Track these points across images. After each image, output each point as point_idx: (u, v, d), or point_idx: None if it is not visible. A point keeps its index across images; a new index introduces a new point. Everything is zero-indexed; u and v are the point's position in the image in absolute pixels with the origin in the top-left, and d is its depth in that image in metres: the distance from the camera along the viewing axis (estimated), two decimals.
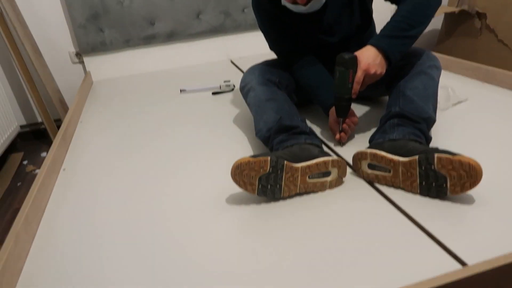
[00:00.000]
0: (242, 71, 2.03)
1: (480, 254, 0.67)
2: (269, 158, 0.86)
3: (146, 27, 2.05)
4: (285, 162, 0.87)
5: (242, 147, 1.18)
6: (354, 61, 1.00)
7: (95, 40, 2.01)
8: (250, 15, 2.18)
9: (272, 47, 1.30)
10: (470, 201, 0.83)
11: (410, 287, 0.61)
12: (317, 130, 1.23)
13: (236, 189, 0.90)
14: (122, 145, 1.28)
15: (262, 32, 1.29)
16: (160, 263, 0.75)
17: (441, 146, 0.88)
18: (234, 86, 1.74)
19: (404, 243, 0.74)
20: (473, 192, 0.83)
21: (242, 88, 1.23)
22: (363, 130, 1.19)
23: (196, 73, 2.07)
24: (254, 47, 2.27)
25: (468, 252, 0.68)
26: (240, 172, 0.86)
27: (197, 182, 1.02)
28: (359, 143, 1.11)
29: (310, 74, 1.23)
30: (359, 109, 1.34)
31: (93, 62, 2.10)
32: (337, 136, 1.11)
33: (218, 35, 2.21)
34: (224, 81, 1.74)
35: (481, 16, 2.16)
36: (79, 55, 2.08)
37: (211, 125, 1.37)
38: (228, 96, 1.67)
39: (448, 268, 0.66)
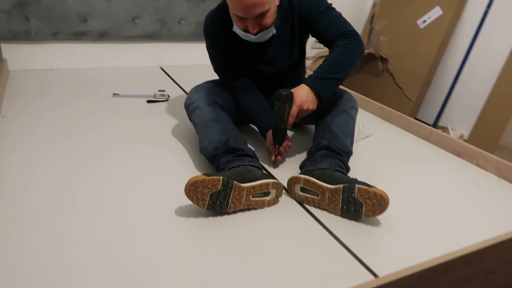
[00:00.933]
0: (173, 79, 2.09)
1: (389, 267, 0.87)
2: (221, 177, 0.97)
3: (78, 23, 1.99)
4: (235, 182, 0.99)
5: (184, 161, 1.27)
6: (291, 97, 1.17)
7: (19, 28, 1.89)
8: (186, 27, 2.25)
9: (216, 70, 1.41)
10: (378, 223, 1.04)
11: None
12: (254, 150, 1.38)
13: (183, 202, 0.99)
14: (53, 149, 1.26)
15: (209, 54, 1.39)
16: (102, 273, 0.81)
17: (355, 175, 1.09)
18: (168, 96, 1.79)
19: (326, 255, 0.91)
20: (381, 216, 1.04)
21: (187, 106, 1.32)
22: (293, 155, 1.37)
23: (126, 76, 2.07)
24: (186, 57, 2.35)
25: (379, 265, 0.88)
26: (194, 189, 0.95)
27: (141, 193, 1.08)
28: (290, 167, 1.28)
29: (250, 99, 1.37)
30: (291, 137, 1.52)
31: (12, 50, 1.96)
32: (273, 158, 1.26)
33: (152, 41, 2.23)
34: (159, 90, 1.79)
35: (383, 60, 2.54)
36: None
37: (150, 135, 1.42)
38: (163, 105, 1.72)
39: (363, 278, 0.84)
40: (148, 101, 1.74)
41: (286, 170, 1.24)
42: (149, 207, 1.02)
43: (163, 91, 1.79)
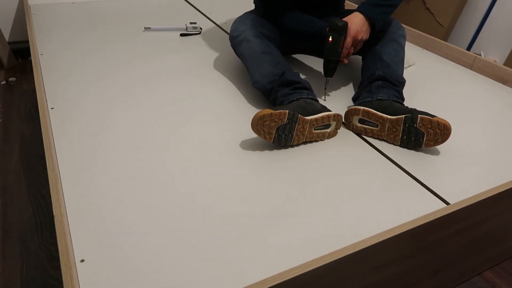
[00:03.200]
0: (199, 10, 2.01)
1: (457, 193, 0.90)
2: (287, 111, 0.97)
3: None
4: (299, 115, 0.99)
5: (234, 96, 1.26)
6: (346, 28, 1.13)
7: None
8: None
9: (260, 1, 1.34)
10: (437, 152, 1.06)
11: (406, 224, 0.80)
12: None
13: (244, 136, 1.01)
14: (102, 88, 1.26)
15: None
16: (171, 202, 0.84)
17: (407, 105, 1.09)
18: (201, 29, 1.74)
19: (392, 184, 0.94)
20: (439, 146, 1.06)
21: (233, 38, 1.28)
22: (340, 87, 1.36)
23: (151, 8, 1.98)
24: None
25: (448, 192, 0.92)
26: (262, 123, 0.96)
27: (199, 129, 1.09)
28: (340, 99, 1.27)
29: (303, 19, 1.30)
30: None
31: None
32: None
33: None
34: (190, 23, 1.73)
35: None
36: None
37: (194, 70, 1.40)
38: (196, 39, 1.67)
39: (435, 206, 0.88)
40: (182, 35, 1.69)
41: (337, 103, 1.24)
42: (211, 142, 1.03)
43: (195, 23, 1.73)
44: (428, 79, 1.48)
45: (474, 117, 1.25)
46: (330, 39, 1.13)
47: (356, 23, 1.14)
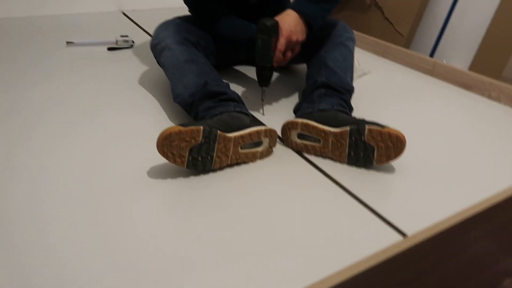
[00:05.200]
0: (138, 25, 1.82)
1: (415, 222, 0.71)
2: (201, 127, 0.77)
3: None
4: (218, 132, 0.80)
5: (155, 113, 1.06)
6: (277, 28, 0.96)
7: None
8: None
9: (188, 2, 1.17)
10: (391, 169, 0.88)
11: (355, 265, 0.61)
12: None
13: (159, 161, 0.80)
14: (10, 106, 1.04)
15: None
16: (77, 250, 0.63)
17: (356, 115, 0.92)
18: (133, 42, 1.54)
19: (340, 213, 0.75)
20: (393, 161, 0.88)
21: (154, 46, 1.09)
22: (283, 98, 1.18)
23: (82, 23, 1.78)
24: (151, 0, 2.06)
25: (403, 221, 0.72)
26: (168, 143, 0.76)
27: (108, 154, 0.88)
28: (282, 112, 1.08)
29: (237, 24, 1.13)
30: (277, 79, 1.31)
31: None
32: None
33: None
34: (121, 36, 1.54)
35: None
36: None
37: (114, 86, 1.20)
38: (127, 53, 1.48)
39: (390, 238, 0.68)
40: (109, 49, 1.49)
41: (278, 116, 1.05)
42: (120, 169, 0.82)
43: (126, 36, 1.54)
44: (385, 88, 1.32)
45: (434, 127, 1.09)
46: (260, 41, 0.95)
47: (289, 22, 0.97)
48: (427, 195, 0.81)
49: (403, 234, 0.69)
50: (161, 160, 0.78)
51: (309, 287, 0.53)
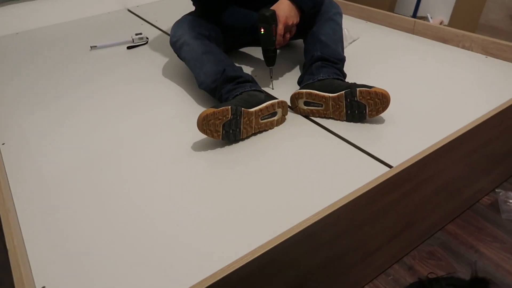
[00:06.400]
0: (144, 20, 2.01)
1: (401, 157, 0.93)
2: (229, 107, 1.00)
3: None
4: (243, 109, 1.02)
5: (185, 99, 1.28)
6: (274, 16, 1.16)
7: None
8: None
9: None
10: (382, 120, 1.10)
11: (353, 193, 0.83)
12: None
13: (197, 137, 1.04)
14: (51, 110, 1.26)
15: None
16: (133, 220, 0.86)
17: (351, 79, 1.13)
18: (147, 38, 1.74)
19: (342, 158, 0.98)
20: (383, 113, 1.10)
21: (174, 43, 1.29)
22: (287, 72, 1.39)
23: (96, 25, 1.98)
24: None
25: (392, 157, 0.95)
26: (206, 122, 0.98)
27: (153, 137, 1.10)
28: (288, 85, 1.30)
29: (239, 13, 1.33)
30: (279, 57, 1.52)
31: None
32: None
33: None
34: (136, 34, 1.73)
35: None
36: None
37: (143, 80, 1.41)
38: (144, 49, 1.68)
39: (380, 171, 0.92)
40: (128, 47, 1.69)
41: (285, 89, 1.27)
42: (166, 148, 1.05)
43: (140, 33, 1.74)
44: (372, 50, 1.52)
45: (418, 78, 1.29)
46: (262, 30, 1.16)
47: (284, 9, 1.17)
48: (409, 135, 1.03)
49: (389, 166, 0.93)
50: (201, 136, 1.01)
51: (321, 210, 0.76)
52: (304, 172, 0.94)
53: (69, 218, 0.85)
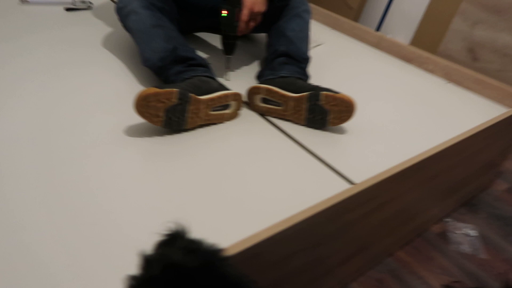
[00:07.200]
0: None
1: (362, 173, 0.84)
2: (176, 90, 0.84)
3: None
4: (191, 94, 0.87)
5: (124, 76, 1.09)
6: (240, 0, 1.02)
7: None
8: None
9: None
10: (343, 131, 1.00)
11: (310, 209, 0.71)
12: None
13: (133, 121, 0.86)
14: None
15: None
16: (60, 204, 0.69)
17: (313, 83, 1.02)
18: (91, 3, 1.52)
19: (297, 167, 0.86)
20: (344, 124, 1.00)
21: (120, 9, 1.11)
22: (245, 65, 1.25)
23: None
24: None
25: (353, 172, 0.85)
26: (146, 104, 0.82)
27: (81, 116, 0.92)
28: (244, 79, 1.16)
29: None
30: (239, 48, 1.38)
31: None
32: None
33: None
34: None
35: None
36: None
37: (78, 49, 1.20)
38: (86, 14, 1.46)
39: (340, 187, 0.81)
40: (67, 9, 1.46)
41: (242, 82, 1.13)
42: (95, 130, 0.87)
43: None
44: (336, 58, 1.43)
45: (380, 95, 1.22)
46: (225, 12, 1.02)
47: None
48: (372, 151, 0.95)
49: (351, 182, 0.82)
50: (138, 119, 0.84)
51: (275, 224, 0.63)
52: (254, 178, 0.80)
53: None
